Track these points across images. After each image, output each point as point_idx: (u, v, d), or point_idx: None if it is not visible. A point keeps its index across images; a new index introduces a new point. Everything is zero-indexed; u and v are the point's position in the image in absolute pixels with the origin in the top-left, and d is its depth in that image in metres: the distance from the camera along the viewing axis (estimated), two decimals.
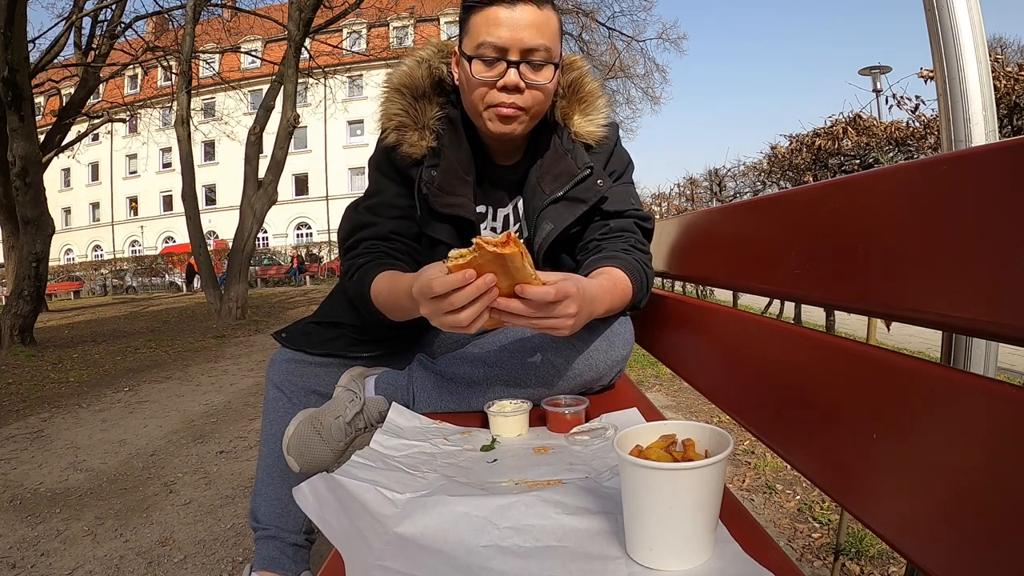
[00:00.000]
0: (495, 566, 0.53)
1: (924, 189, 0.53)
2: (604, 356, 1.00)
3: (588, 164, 1.06)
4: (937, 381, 0.49)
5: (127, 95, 19.13)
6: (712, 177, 8.22)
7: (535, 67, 0.96)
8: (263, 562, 1.06)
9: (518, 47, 0.94)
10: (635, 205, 1.11)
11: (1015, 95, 3.76)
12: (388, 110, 1.07)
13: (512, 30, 0.94)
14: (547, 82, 0.98)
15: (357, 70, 28.07)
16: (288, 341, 1.14)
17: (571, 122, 1.09)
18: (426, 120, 1.05)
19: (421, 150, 1.04)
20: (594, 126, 1.10)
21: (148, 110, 17.00)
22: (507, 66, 0.95)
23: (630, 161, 1.16)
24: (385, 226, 1.07)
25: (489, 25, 0.94)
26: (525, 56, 0.95)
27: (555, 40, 0.98)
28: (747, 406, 0.84)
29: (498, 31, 0.94)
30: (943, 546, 0.45)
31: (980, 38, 0.86)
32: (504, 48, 0.94)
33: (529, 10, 0.94)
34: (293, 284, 23.81)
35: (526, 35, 0.94)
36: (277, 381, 1.12)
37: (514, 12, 0.94)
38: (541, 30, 0.95)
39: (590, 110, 1.10)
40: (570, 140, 1.08)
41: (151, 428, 2.93)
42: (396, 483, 0.71)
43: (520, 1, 0.94)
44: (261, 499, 1.09)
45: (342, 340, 1.10)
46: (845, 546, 1.38)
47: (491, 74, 0.96)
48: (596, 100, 1.11)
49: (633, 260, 1.02)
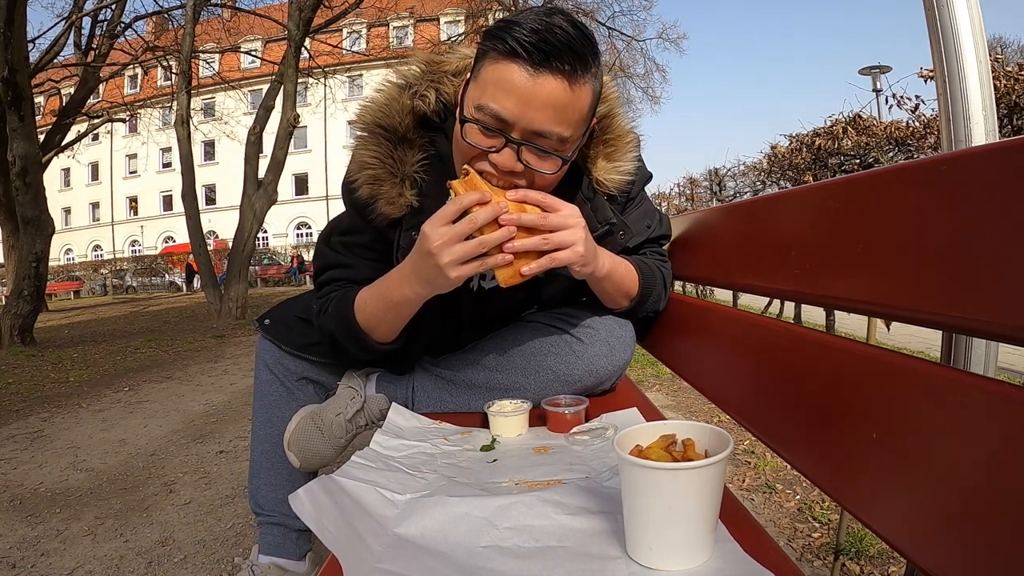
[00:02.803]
0: (495, 567, 0.53)
1: (924, 189, 0.53)
2: (605, 361, 0.99)
3: (610, 220, 0.92)
4: (937, 381, 0.49)
5: (127, 95, 19.13)
6: (712, 177, 8.22)
7: (540, 154, 0.78)
8: (269, 547, 1.08)
9: (525, 126, 0.75)
10: (651, 228, 1.03)
11: (1015, 95, 3.76)
12: (361, 157, 0.88)
13: (525, 104, 0.73)
14: (551, 173, 0.79)
15: (357, 70, 28.04)
16: (270, 331, 1.09)
17: (594, 166, 0.92)
18: (406, 170, 0.87)
19: (400, 209, 0.87)
20: (619, 174, 0.93)
21: (148, 110, 17.02)
22: (505, 143, 0.76)
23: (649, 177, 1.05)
24: (360, 271, 0.94)
25: (500, 86, 0.74)
26: (531, 139, 0.76)
27: (578, 126, 0.79)
28: (747, 406, 0.84)
29: (508, 99, 0.74)
30: (943, 546, 0.45)
31: (980, 38, 0.86)
32: (508, 122, 0.75)
33: (556, 86, 0.73)
34: (293, 284, 23.82)
35: (540, 116, 0.74)
36: (269, 363, 1.10)
37: (536, 82, 0.72)
38: (563, 114, 0.75)
39: (617, 155, 0.93)
40: (590, 188, 0.92)
41: (151, 428, 2.93)
42: (396, 484, 0.71)
43: (548, 69, 0.72)
44: (261, 483, 1.10)
45: (323, 346, 1.01)
46: (845, 546, 1.38)
47: (486, 143, 0.77)
48: (627, 144, 0.93)
49: (643, 258, 1.01)
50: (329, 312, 0.92)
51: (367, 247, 0.95)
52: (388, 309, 0.86)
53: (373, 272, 0.91)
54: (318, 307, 0.95)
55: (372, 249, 0.95)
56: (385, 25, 27.11)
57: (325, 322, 0.93)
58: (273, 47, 19.37)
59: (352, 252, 0.96)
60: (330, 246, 0.99)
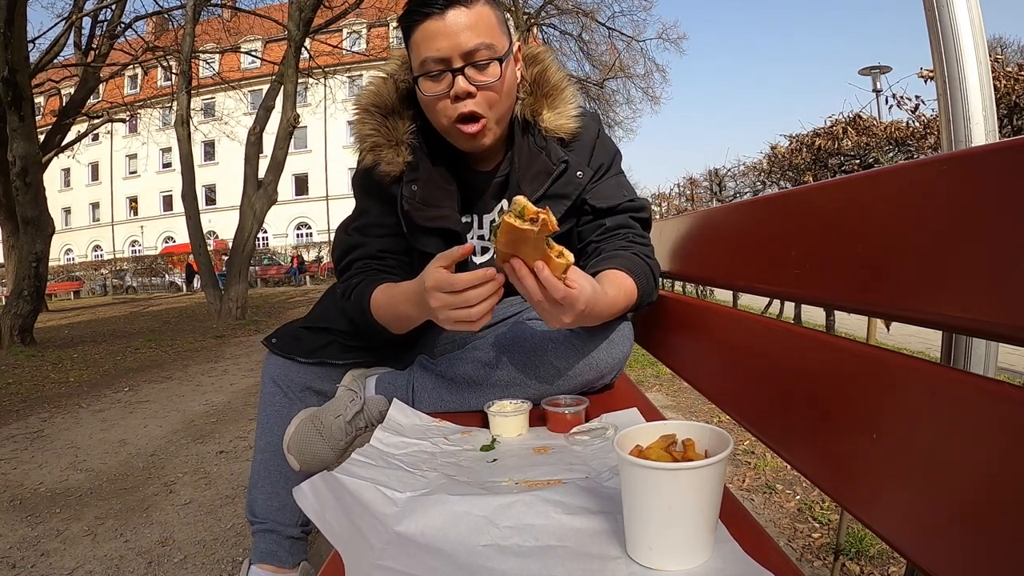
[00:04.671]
0: (495, 565, 0.53)
1: (924, 189, 0.53)
2: (605, 356, 1.00)
3: (563, 159, 1.04)
4: (937, 381, 0.49)
5: (127, 95, 19.15)
6: (712, 177, 8.21)
7: (480, 67, 0.93)
8: (261, 555, 1.06)
9: (458, 53, 0.92)
10: (628, 196, 1.09)
11: (1015, 95, 3.76)
12: (361, 131, 1.06)
13: (447, 38, 0.91)
14: (496, 79, 0.95)
15: (357, 70, 28.03)
16: (279, 347, 1.11)
17: (540, 118, 1.06)
18: (399, 136, 1.04)
19: (398, 167, 1.03)
20: (564, 118, 1.06)
21: (148, 110, 17.04)
22: (453, 75, 0.93)
23: (617, 151, 1.14)
24: (374, 245, 1.07)
25: (426, 40, 0.93)
26: (468, 60, 0.93)
27: (495, 34, 0.95)
28: (747, 406, 0.84)
29: (435, 43, 0.92)
30: (943, 546, 0.45)
31: (980, 38, 0.86)
32: (445, 59, 0.92)
33: (459, 13, 0.92)
34: (293, 284, 23.82)
35: (462, 39, 0.92)
36: (274, 375, 1.11)
37: (445, 20, 0.92)
38: (475, 29, 0.92)
39: (558, 103, 1.06)
40: (542, 137, 1.05)
41: (151, 428, 2.93)
42: (396, 481, 0.71)
43: (449, 6, 0.92)
44: (258, 492, 1.09)
45: (333, 347, 1.08)
46: (845, 546, 1.38)
47: (441, 87, 0.94)
48: (563, 91, 1.07)
49: (633, 255, 1.01)
50: (352, 300, 1.01)
51: (377, 224, 1.08)
52: (396, 318, 0.96)
53: (385, 245, 1.07)
54: (342, 290, 1.05)
55: (382, 225, 1.08)
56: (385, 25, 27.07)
57: (348, 308, 1.03)
58: (273, 47, 19.36)
59: (365, 233, 1.09)
60: (348, 234, 1.12)
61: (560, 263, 0.75)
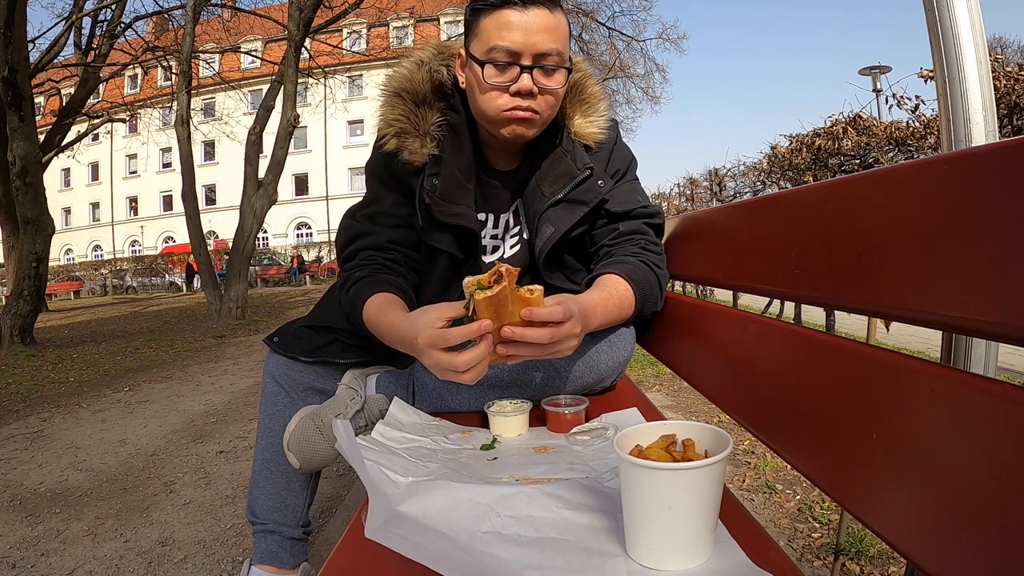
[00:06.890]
0: (496, 552, 0.54)
1: (924, 189, 0.53)
2: (606, 359, 1.00)
3: (588, 165, 1.04)
4: (937, 381, 0.49)
5: (127, 95, 19.12)
6: (712, 177, 8.20)
7: (547, 72, 0.94)
8: (261, 556, 1.06)
9: (531, 52, 0.92)
10: (642, 203, 1.09)
11: (1015, 95, 3.76)
12: (387, 115, 1.03)
13: (525, 34, 0.91)
14: (559, 87, 0.96)
15: (357, 70, 28.07)
16: (280, 346, 1.11)
17: (571, 122, 1.07)
18: (427, 127, 1.02)
19: (422, 158, 1.01)
20: (595, 128, 1.08)
21: (148, 110, 17.01)
22: (520, 71, 0.93)
23: (633, 158, 1.15)
24: (383, 236, 1.05)
25: (501, 28, 0.92)
26: (538, 61, 0.93)
27: (566, 44, 0.96)
28: (747, 406, 0.84)
29: (510, 35, 0.91)
30: (943, 546, 0.45)
31: (980, 38, 0.86)
32: (517, 52, 0.92)
33: (542, 14, 0.92)
34: (293, 284, 23.82)
35: (539, 39, 0.92)
36: (275, 374, 1.11)
37: (526, 15, 0.91)
38: (554, 34, 0.93)
39: (591, 112, 1.08)
40: (570, 141, 1.06)
41: (151, 428, 2.93)
42: (399, 467, 0.71)
43: (532, 4, 0.92)
44: (259, 492, 1.09)
45: (335, 346, 1.07)
46: (845, 546, 1.38)
47: (503, 79, 0.93)
48: (598, 103, 1.09)
49: (640, 263, 1.01)
50: (349, 296, 1.00)
51: (389, 213, 1.06)
52: (382, 337, 0.93)
53: (394, 236, 1.05)
54: (342, 280, 1.04)
55: (394, 215, 1.06)
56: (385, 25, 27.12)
57: (345, 301, 1.01)
58: (273, 47, 19.37)
59: (375, 222, 1.07)
60: (356, 220, 1.10)
61: (539, 299, 0.76)
